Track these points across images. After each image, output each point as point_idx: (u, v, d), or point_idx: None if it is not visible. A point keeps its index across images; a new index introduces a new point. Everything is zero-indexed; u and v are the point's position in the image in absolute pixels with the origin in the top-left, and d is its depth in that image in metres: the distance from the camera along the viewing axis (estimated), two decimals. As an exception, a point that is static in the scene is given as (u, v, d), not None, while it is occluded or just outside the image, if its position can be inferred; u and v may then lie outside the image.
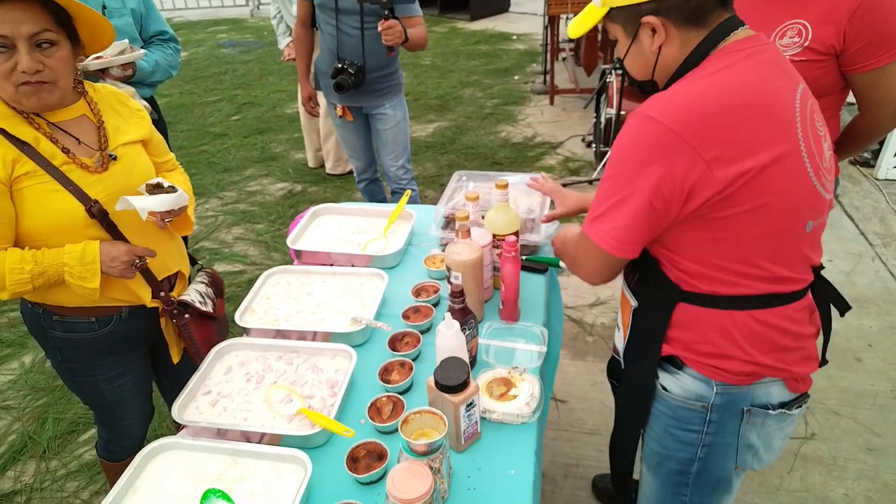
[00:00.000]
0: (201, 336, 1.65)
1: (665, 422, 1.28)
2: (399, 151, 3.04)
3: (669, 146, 1.02)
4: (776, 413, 1.20)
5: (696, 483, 1.31)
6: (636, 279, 1.27)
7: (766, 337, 1.14)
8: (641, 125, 1.05)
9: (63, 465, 2.38)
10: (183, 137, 5.54)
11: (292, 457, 1.22)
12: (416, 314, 1.62)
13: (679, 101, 1.04)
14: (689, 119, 1.01)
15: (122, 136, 1.51)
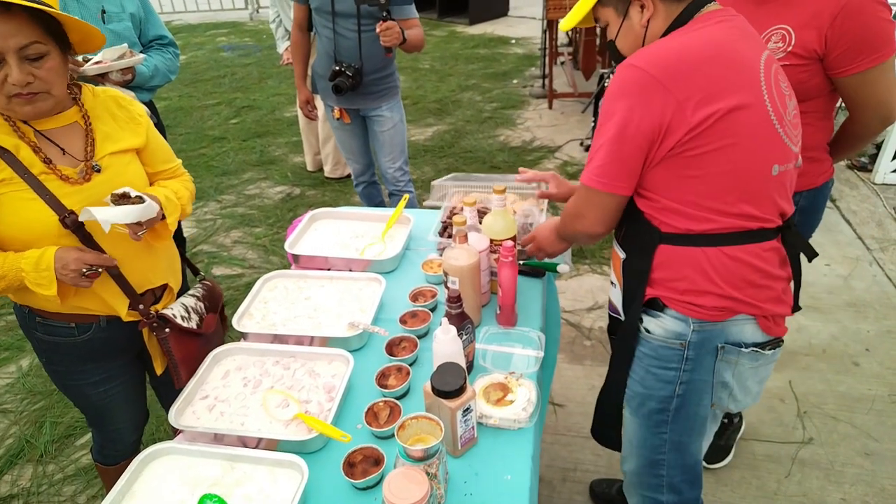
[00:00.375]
0: (181, 352, 1.60)
1: (647, 362, 1.39)
2: (396, 153, 3.05)
3: (648, 87, 1.16)
4: (748, 351, 1.31)
5: (675, 420, 1.41)
6: (623, 233, 1.40)
7: (737, 272, 1.25)
8: (625, 73, 1.19)
9: (60, 470, 2.38)
10: (181, 141, 5.54)
11: (289, 462, 1.22)
12: (413, 319, 1.62)
13: (657, 51, 1.19)
14: (665, 65, 1.16)
15: (111, 145, 1.48)
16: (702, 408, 1.40)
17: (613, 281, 1.50)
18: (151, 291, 1.60)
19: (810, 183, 1.78)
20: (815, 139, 1.72)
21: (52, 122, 1.41)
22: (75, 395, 1.69)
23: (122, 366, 1.68)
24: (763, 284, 1.28)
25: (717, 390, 1.37)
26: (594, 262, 3.49)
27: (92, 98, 1.50)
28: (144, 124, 1.57)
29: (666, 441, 1.45)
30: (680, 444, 1.45)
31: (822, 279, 3.21)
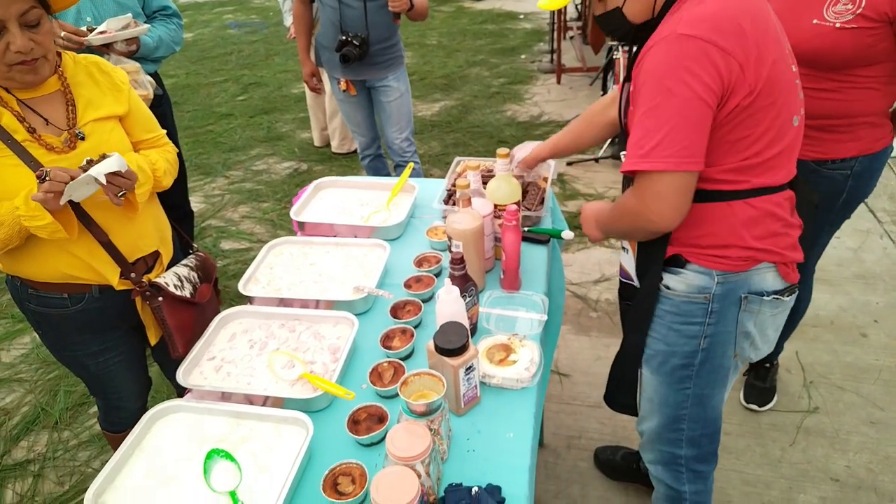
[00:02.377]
0: (175, 320, 1.59)
1: (669, 320, 1.39)
2: (403, 124, 3.04)
3: (707, 53, 1.09)
4: (770, 299, 1.32)
5: (699, 374, 1.41)
6: None
7: (761, 222, 1.26)
8: (675, 44, 1.11)
9: (75, 436, 2.43)
10: (189, 117, 5.56)
11: (294, 419, 1.24)
12: (417, 283, 1.63)
13: (701, 16, 1.11)
14: (716, 29, 1.10)
15: (93, 111, 1.46)
16: (726, 359, 1.40)
17: (625, 246, 1.49)
18: (143, 260, 1.59)
19: (868, 148, 1.77)
20: (878, 104, 1.72)
21: (34, 91, 1.40)
22: (74, 365, 1.71)
23: (119, 337, 1.68)
24: (782, 232, 1.29)
25: (740, 340, 1.38)
26: (601, 236, 3.47)
27: (73, 65, 1.48)
28: (126, 91, 1.54)
29: (689, 395, 1.45)
30: (703, 396, 1.45)
31: (832, 251, 3.19)
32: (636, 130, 1.17)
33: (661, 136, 1.13)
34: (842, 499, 2.02)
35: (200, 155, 4.82)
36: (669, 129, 1.12)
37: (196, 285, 1.67)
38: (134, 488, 1.16)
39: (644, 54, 1.18)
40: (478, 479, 1.14)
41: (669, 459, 1.58)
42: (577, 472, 2.18)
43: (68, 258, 1.46)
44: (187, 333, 1.60)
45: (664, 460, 1.60)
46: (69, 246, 1.44)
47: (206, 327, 1.52)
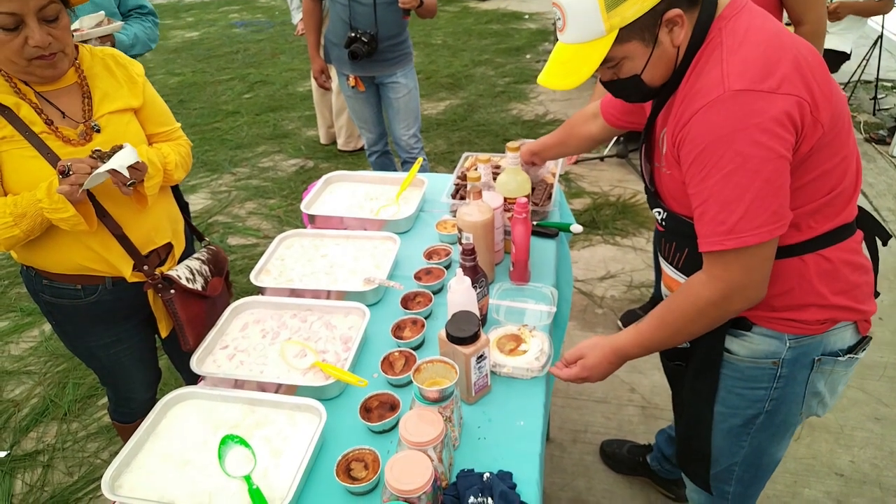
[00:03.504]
0: (187, 313, 1.60)
1: (730, 384, 1.27)
2: (411, 121, 3.06)
3: (774, 103, 0.97)
4: (845, 359, 1.20)
5: (759, 432, 1.31)
6: (685, 256, 1.23)
7: (839, 274, 1.14)
8: (735, 103, 0.98)
9: (83, 427, 2.45)
10: (196, 115, 5.58)
11: (307, 406, 1.26)
12: (428, 276, 1.64)
13: (750, 63, 0.99)
14: (773, 72, 0.98)
15: (109, 104, 1.47)
16: (790, 417, 1.29)
17: None
18: (156, 252, 1.60)
19: None
20: None
21: (52, 84, 1.41)
22: (85, 356, 1.72)
23: (131, 328, 1.69)
24: (861, 281, 1.18)
25: (808, 400, 1.26)
26: (606, 233, 3.49)
27: (90, 58, 1.49)
28: (141, 83, 1.55)
29: (746, 447, 1.35)
30: (761, 450, 1.35)
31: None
32: (709, 205, 1.04)
33: (744, 207, 1.00)
34: (846, 493, 2.03)
35: (207, 152, 4.84)
36: (753, 198, 0.99)
37: (208, 279, 1.68)
38: (149, 472, 1.17)
39: (691, 117, 1.04)
40: (489, 466, 1.16)
41: (718, 494, 1.47)
42: (582, 466, 2.20)
43: (83, 250, 1.48)
44: (198, 326, 1.61)
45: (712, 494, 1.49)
46: (84, 238, 1.46)
47: (216, 320, 1.52)
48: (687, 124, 1.05)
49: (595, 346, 1.28)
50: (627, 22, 1.02)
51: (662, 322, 1.18)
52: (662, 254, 1.33)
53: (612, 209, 3.69)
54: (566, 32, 1.08)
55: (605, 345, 1.26)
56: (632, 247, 3.37)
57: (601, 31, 1.03)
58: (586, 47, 1.06)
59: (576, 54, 1.08)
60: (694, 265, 1.18)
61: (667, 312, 1.17)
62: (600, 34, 1.04)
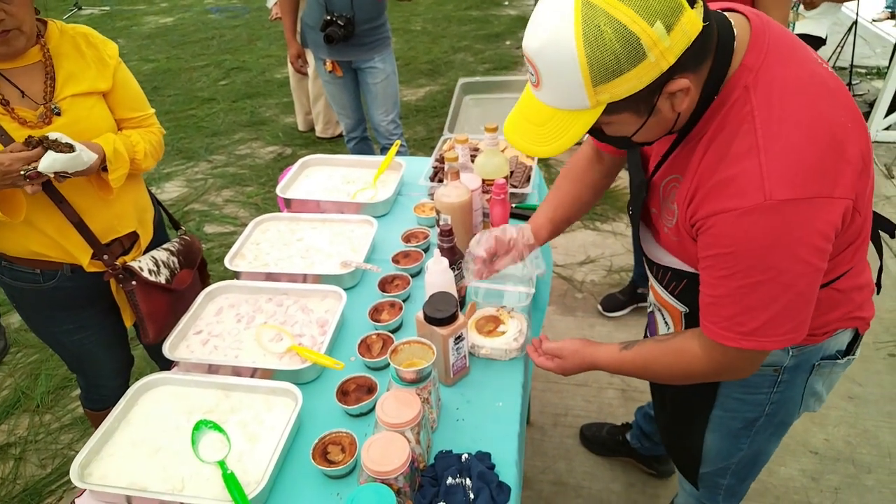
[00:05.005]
0: (148, 306, 1.55)
1: (730, 390, 1.25)
2: (389, 106, 3.02)
3: (820, 212, 0.86)
4: (843, 361, 1.19)
5: (759, 433, 1.30)
6: (681, 288, 1.17)
7: (845, 301, 1.11)
8: (776, 216, 0.85)
9: (57, 419, 2.40)
10: (170, 102, 5.48)
11: (283, 389, 1.24)
12: (406, 259, 1.63)
13: (796, 160, 0.85)
14: (822, 172, 0.86)
15: (73, 86, 1.41)
16: (789, 418, 1.29)
17: (668, 323, 1.28)
18: (119, 241, 1.55)
19: None
20: None
21: (12, 62, 1.35)
22: (51, 342, 1.67)
23: (95, 315, 1.63)
24: (865, 299, 1.15)
25: (807, 399, 1.25)
26: (586, 218, 3.49)
27: (58, 36, 1.43)
28: (113, 66, 1.49)
29: (745, 449, 1.33)
30: (759, 448, 1.35)
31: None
32: (727, 302, 0.94)
33: (768, 316, 0.92)
34: (821, 471, 2.07)
35: (182, 139, 4.75)
36: (780, 309, 0.91)
37: (175, 271, 1.63)
38: (120, 459, 1.15)
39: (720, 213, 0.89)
40: (468, 447, 1.15)
41: (711, 486, 1.47)
42: (563, 449, 2.20)
43: (38, 236, 1.43)
44: (161, 319, 1.56)
45: (705, 486, 1.48)
46: (39, 224, 1.41)
47: (182, 313, 1.46)
48: (713, 217, 0.91)
49: (576, 353, 1.24)
50: (618, 99, 0.84)
51: (647, 367, 1.14)
52: (654, 275, 1.25)
53: (591, 195, 3.69)
54: (542, 92, 0.89)
55: (585, 355, 1.22)
56: (612, 231, 3.38)
57: (585, 105, 0.85)
58: (566, 114, 0.88)
59: (553, 118, 0.89)
60: (691, 297, 1.12)
61: (654, 362, 1.12)
62: (584, 107, 0.86)
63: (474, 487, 1.06)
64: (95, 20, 8.60)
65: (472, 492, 1.05)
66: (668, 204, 1.06)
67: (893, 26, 6.39)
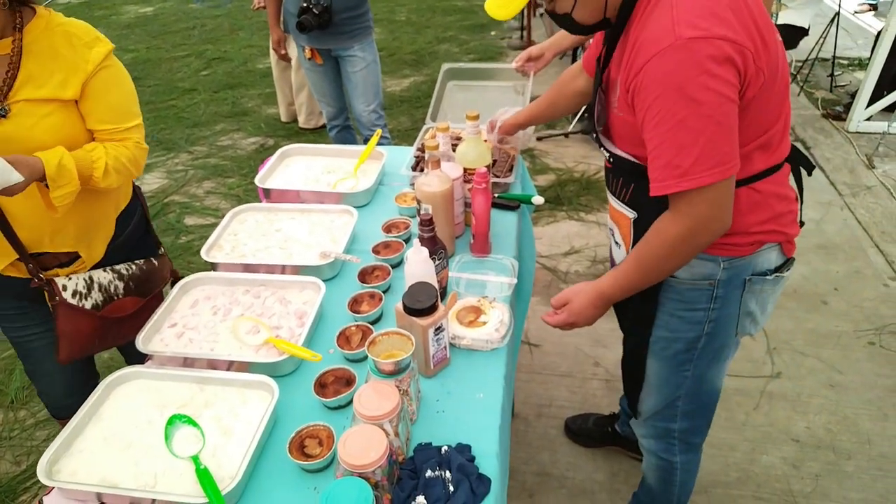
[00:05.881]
0: (68, 326, 1.44)
1: (672, 307, 1.33)
2: (370, 96, 2.98)
3: (723, 51, 1.00)
4: (772, 278, 1.28)
5: (700, 357, 1.37)
6: (631, 191, 1.28)
7: (765, 205, 1.20)
8: (686, 50, 1.00)
9: (32, 415, 2.35)
10: (150, 92, 5.39)
11: (259, 382, 1.21)
12: (386, 249, 1.60)
13: (700, 10, 1.01)
14: (722, 20, 1.01)
15: (31, 90, 1.29)
16: (728, 339, 1.36)
17: (618, 241, 1.40)
18: (53, 255, 1.45)
19: None
20: None
21: None
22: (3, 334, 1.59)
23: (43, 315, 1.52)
24: (786, 210, 1.25)
25: (743, 320, 1.33)
26: (571, 209, 3.48)
27: (41, 29, 1.32)
28: (87, 73, 1.35)
29: (689, 377, 1.41)
30: (702, 376, 1.42)
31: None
32: (663, 150, 1.07)
33: (698, 151, 1.03)
34: (802, 458, 2.08)
35: (162, 130, 4.67)
36: (706, 141, 1.03)
37: (114, 297, 1.51)
38: (90, 455, 1.11)
39: (644, 65, 1.05)
40: (448, 439, 1.13)
41: (663, 433, 1.55)
42: (547, 440, 2.20)
43: None
44: (79, 342, 1.47)
45: (657, 434, 1.57)
46: None
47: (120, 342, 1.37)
48: (640, 72, 1.06)
49: (580, 291, 1.32)
50: None
51: (638, 264, 1.22)
52: (610, 188, 1.37)
53: (576, 185, 3.69)
54: None
55: (589, 290, 1.30)
56: (596, 222, 3.37)
57: None
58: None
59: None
60: (638, 199, 1.27)
61: (641, 254, 1.20)
62: None
63: (454, 480, 1.04)
64: (73, 9, 8.43)
65: (451, 484, 1.03)
66: (613, 89, 1.21)
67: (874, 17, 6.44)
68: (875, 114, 4.15)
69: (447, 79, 2.15)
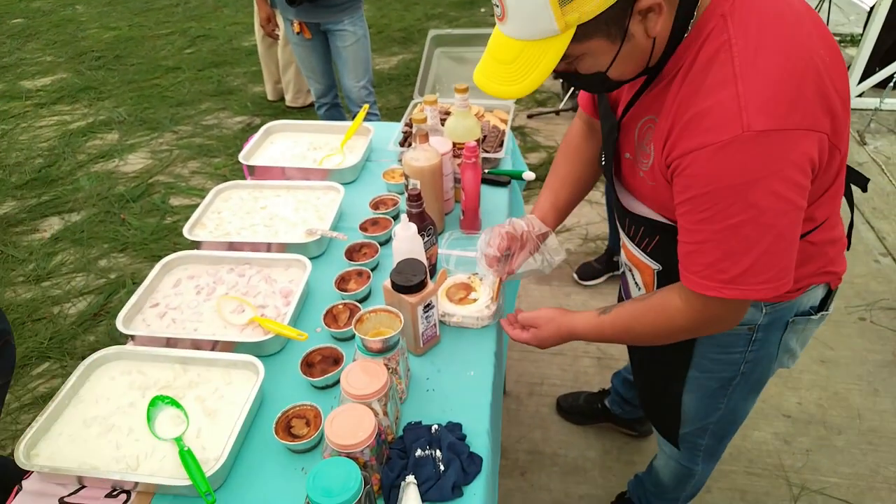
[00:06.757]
0: None
1: (705, 350, 1.22)
2: (360, 71, 2.92)
3: (799, 145, 0.82)
4: (817, 317, 1.17)
5: (735, 392, 1.28)
6: (655, 243, 1.12)
7: (819, 255, 1.08)
8: (755, 148, 0.81)
9: (16, 399, 2.31)
10: (133, 71, 5.27)
11: (244, 362, 1.18)
12: (374, 226, 1.56)
13: (774, 90, 0.80)
14: (800, 103, 0.81)
15: None
16: (764, 376, 1.28)
17: (639, 284, 1.24)
18: None
19: None
20: None
21: None
22: None
23: None
24: (837, 249, 1.12)
25: (782, 356, 1.23)
26: (562, 187, 3.45)
27: None
28: None
29: (722, 408, 1.32)
30: (736, 407, 1.33)
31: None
32: (708, 248, 0.90)
33: (751, 261, 0.88)
34: (793, 433, 2.09)
35: (146, 109, 4.58)
36: (762, 253, 0.87)
37: None
38: (70, 438, 1.08)
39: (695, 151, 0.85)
40: (438, 418, 1.11)
41: (689, 447, 1.48)
42: (539, 418, 2.19)
43: None
44: None
45: (684, 447, 1.48)
46: None
47: None
48: (688, 156, 0.86)
49: (552, 320, 1.19)
50: (587, 19, 0.80)
51: (628, 329, 1.10)
52: (625, 230, 1.20)
53: (567, 163, 3.65)
54: (508, 25, 0.85)
55: (561, 324, 1.18)
56: (587, 200, 3.34)
57: (554, 30, 0.81)
58: (535, 46, 0.84)
59: (522, 53, 0.85)
60: (664, 252, 1.09)
61: (635, 322, 1.08)
62: (553, 33, 0.81)
63: (444, 459, 1.02)
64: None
65: (442, 463, 1.01)
66: (643, 146, 1.02)
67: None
68: (867, 90, 4.13)
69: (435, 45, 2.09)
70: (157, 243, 3.14)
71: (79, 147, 4.09)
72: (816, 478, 1.96)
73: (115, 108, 4.59)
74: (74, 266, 3.01)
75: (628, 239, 1.20)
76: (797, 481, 1.95)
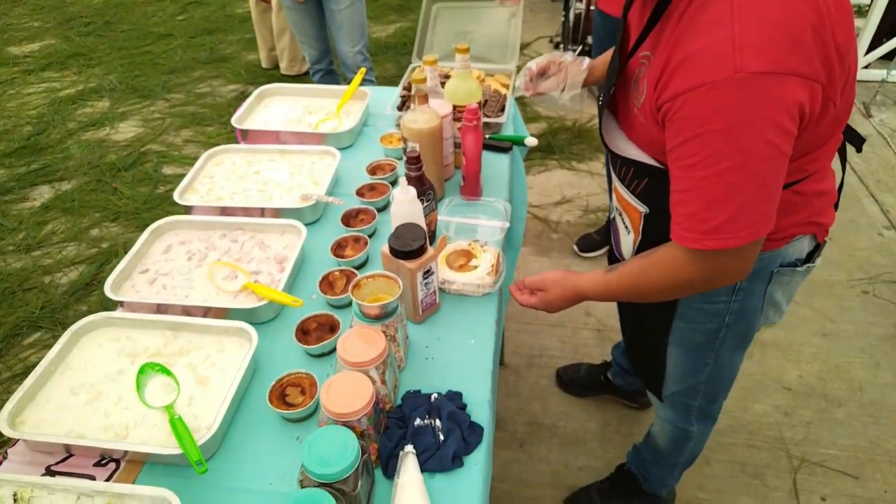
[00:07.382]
0: None
1: (690, 300, 1.21)
2: (356, 36, 2.84)
3: (789, 88, 0.80)
4: (803, 269, 1.15)
5: (722, 346, 1.27)
6: (644, 185, 1.10)
7: (805, 205, 1.06)
8: (747, 90, 0.79)
9: (7, 368, 2.28)
10: (124, 38, 5.14)
11: (237, 329, 1.14)
12: (371, 192, 1.52)
13: (770, 31, 0.79)
14: (795, 46, 0.79)
15: None
16: (750, 329, 1.25)
17: (628, 227, 1.22)
18: None
19: None
20: None
21: None
22: None
23: None
24: (824, 201, 1.10)
25: (767, 310, 1.21)
26: (562, 158, 3.39)
27: None
28: None
29: (710, 364, 1.31)
30: (723, 364, 1.32)
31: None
32: (692, 197, 0.89)
33: (733, 209, 0.87)
34: (793, 406, 2.07)
35: (137, 77, 4.47)
36: (745, 200, 0.86)
37: None
38: (58, 405, 1.05)
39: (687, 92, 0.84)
40: (437, 387, 1.08)
41: (682, 408, 1.47)
42: (538, 389, 2.17)
43: None
44: None
45: (676, 409, 1.49)
46: None
47: None
48: (680, 97, 0.85)
49: (558, 282, 1.17)
50: None
51: (633, 286, 1.08)
52: (616, 172, 1.19)
53: (568, 134, 3.58)
54: None
55: (568, 285, 1.16)
56: (588, 171, 3.29)
57: None
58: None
59: None
60: (653, 196, 1.08)
61: (641, 279, 1.06)
62: None
63: (444, 428, 0.99)
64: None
65: (441, 433, 0.98)
66: (637, 83, 1.00)
67: (875, -37, 6.26)
68: (873, 61, 4.05)
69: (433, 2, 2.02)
70: (149, 212, 3.08)
71: (69, 115, 4.00)
72: (817, 450, 1.95)
73: (106, 76, 4.48)
74: (65, 235, 2.95)
75: (619, 181, 1.18)
76: (797, 454, 1.94)
